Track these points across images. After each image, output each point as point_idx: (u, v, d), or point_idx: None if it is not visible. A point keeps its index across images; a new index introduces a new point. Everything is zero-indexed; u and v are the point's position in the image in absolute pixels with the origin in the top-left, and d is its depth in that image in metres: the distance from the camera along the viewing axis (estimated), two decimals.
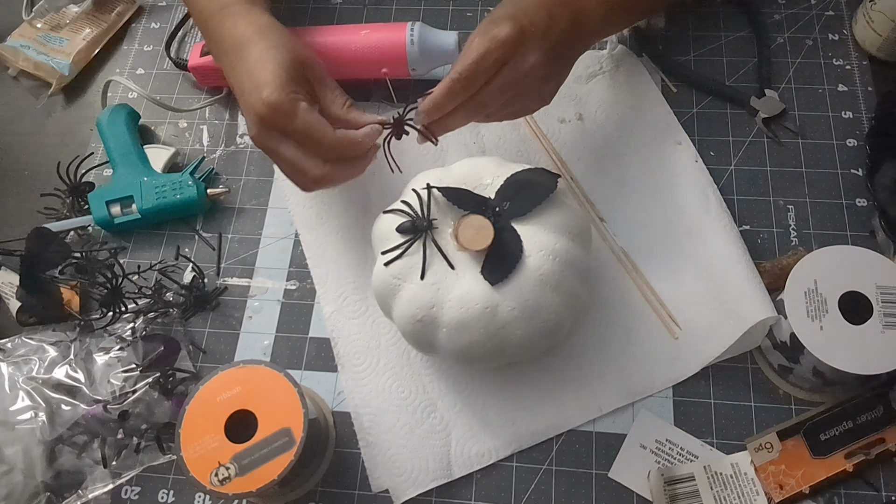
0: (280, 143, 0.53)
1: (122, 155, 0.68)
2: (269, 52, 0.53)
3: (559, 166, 0.66)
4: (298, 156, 0.53)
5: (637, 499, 0.55)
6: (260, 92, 0.51)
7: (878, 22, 0.67)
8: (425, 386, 0.59)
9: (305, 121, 0.51)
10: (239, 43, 0.55)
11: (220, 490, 0.48)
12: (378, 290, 0.53)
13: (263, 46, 0.54)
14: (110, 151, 0.69)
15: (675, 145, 0.66)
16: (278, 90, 0.51)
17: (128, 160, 0.68)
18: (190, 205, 0.67)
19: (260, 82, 0.52)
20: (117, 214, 0.67)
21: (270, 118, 0.51)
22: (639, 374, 0.58)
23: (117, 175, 0.68)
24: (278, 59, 0.53)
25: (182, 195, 0.67)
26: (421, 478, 0.56)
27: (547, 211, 0.52)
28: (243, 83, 0.53)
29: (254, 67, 0.53)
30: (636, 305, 0.60)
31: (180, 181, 0.67)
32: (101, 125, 0.70)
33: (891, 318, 0.51)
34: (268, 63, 0.52)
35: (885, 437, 0.54)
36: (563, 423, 0.57)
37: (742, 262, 0.58)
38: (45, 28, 0.80)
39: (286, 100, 0.51)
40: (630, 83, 0.69)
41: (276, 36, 0.55)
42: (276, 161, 0.55)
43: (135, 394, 0.57)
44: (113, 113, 0.70)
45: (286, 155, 0.53)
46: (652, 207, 0.64)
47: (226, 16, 0.57)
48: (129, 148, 0.69)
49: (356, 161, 0.54)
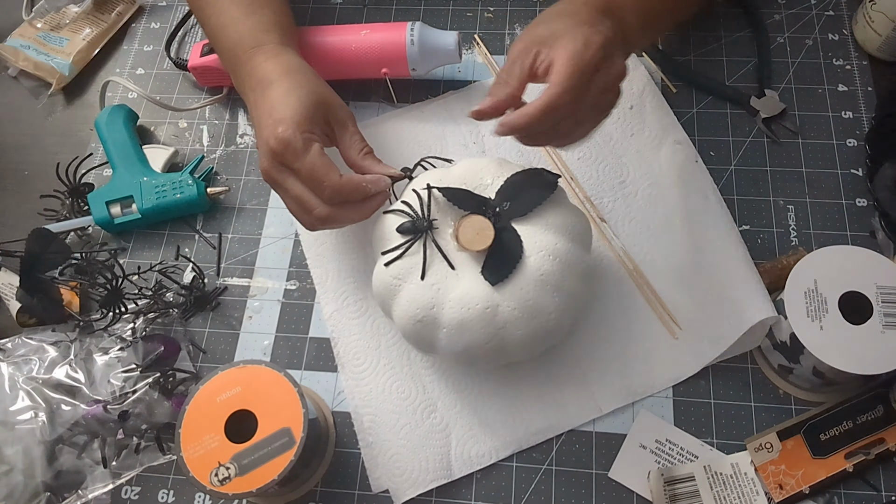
0: (287, 178, 0.54)
1: (121, 155, 0.68)
2: (292, 91, 0.54)
3: (559, 166, 0.66)
4: (305, 193, 0.53)
5: (637, 499, 0.55)
6: (276, 127, 0.52)
7: (878, 22, 0.67)
8: (425, 386, 0.59)
9: (313, 162, 0.52)
10: (266, 80, 0.56)
11: (220, 490, 0.48)
12: (378, 291, 0.53)
13: (288, 85, 0.55)
14: (109, 152, 0.69)
15: (675, 145, 0.66)
16: (293, 127, 0.52)
17: (127, 160, 0.68)
18: (190, 204, 0.67)
19: (278, 118, 0.53)
20: (117, 215, 0.67)
21: (281, 154, 0.52)
22: (639, 374, 0.58)
23: (117, 175, 0.68)
24: (301, 97, 0.54)
25: (182, 194, 0.67)
26: (421, 478, 0.56)
27: (547, 211, 0.52)
28: (262, 118, 0.55)
29: (275, 104, 0.54)
30: (637, 305, 0.60)
31: (180, 180, 0.67)
32: (100, 126, 0.70)
33: (891, 318, 0.51)
34: (290, 100, 0.54)
35: (885, 437, 0.54)
36: (563, 423, 0.57)
37: (742, 262, 0.58)
38: (45, 28, 0.80)
39: (299, 138, 0.52)
40: (630, 83, 0.69)
41: (303, 77, 0.56)
42: (282, 196, 0.56)
43: (135, 394, 0.57)
44: (111, 113, 0.70)
45: (293, 191, 0.54)
46: (652, 208, 0.64)
47: (257, 53, 0.58)
48: (128, 148, 0.69)
49: (361, 205, 0.54)
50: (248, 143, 0.72)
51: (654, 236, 0.63)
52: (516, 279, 0.50)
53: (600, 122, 0.52)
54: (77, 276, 0.64)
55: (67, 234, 0.68)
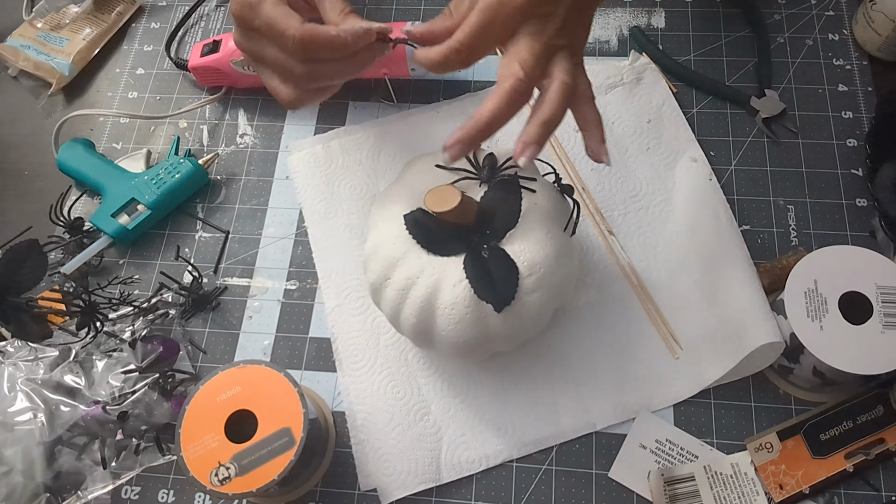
0: (257, 44, 0.51)
1: (102, 175, 0.69)
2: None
3: (571, 175, 0.66)
4: (279, 56, 0.50)
5: (637, 499, 0.55)
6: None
7: (878, 22, 0.67)
8: (420, 388, 0.59)
9: (268, 12, 0.49)
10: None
11: (220, 490, 0.48)
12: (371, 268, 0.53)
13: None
14: (88, 179, 0.69)
15: (690, 162, 0.65)
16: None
17: (110, 176, 0.68)
18: (192, 179, 0.68)
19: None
20: (127, 221, 0.67)
21: (241, 16, 0.50)
22: (636, 392, 0.57)
23: (108, 192, 0.68)
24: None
25: (180, 173, 0.67)
26: (409, 479, 0.56)
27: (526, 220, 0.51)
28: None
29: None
30: (638, 321, 0.60)
31: (170, 164, 0.68)
32: (65, 163, 0.70)
33: (891, 318, 0.51)
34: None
35: (885, 437, 0.54)
36: (556, 436, 0.57)
37: (749, 284, 0.57)
38: (45, 28, 0.80)
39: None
40: (650, 97, 0.69)
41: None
42: (260, 72, 0.53)
43: (134, 395, 0.57)
44: (69, 148, 0.70)
45: (268, 57, 0.51)
46: (662, 224, 0.63)
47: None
48: (104, 167, 0.69)
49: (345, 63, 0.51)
50: (248, 143, 0.72)
51: (661, 253, 0.62)
52: None
53: None
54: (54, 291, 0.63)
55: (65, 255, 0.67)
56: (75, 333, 0.60)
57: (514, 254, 0.50)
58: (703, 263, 0.60)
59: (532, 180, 0.52)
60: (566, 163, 0.67)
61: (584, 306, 0.61)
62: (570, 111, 0.49)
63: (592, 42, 0.74)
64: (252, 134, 0.73)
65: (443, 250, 0.50)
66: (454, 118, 0.70)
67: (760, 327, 0.54)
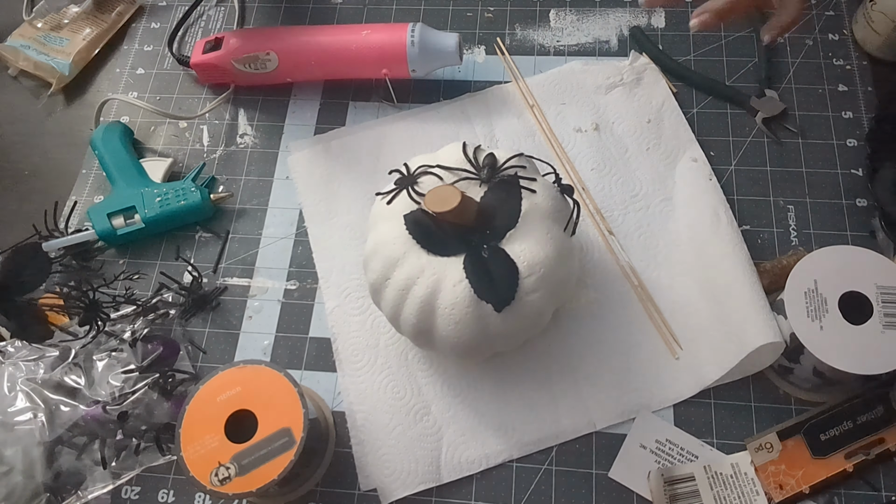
0: None
1: (119, 169, 0.68)
2: None
3: (571, 175, 0.66)
4: None
5: (637, 499, 0.55)
6: None
7: (878, 22, 0.67)
8: (420, 388, 0.59)
9: None
10: None
11: (220, 490, 0.48)
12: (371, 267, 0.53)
13: None
14: (107, 167, 0.69)
15: (690, 162, 0.65)
16: None
17: (126, 173, 0.68)
18: (194, 210, 0.67)
19: None
20: (120, 226, 0.66)
21: None
22: (636, 392, 0.57)
23: (116, 189, 0.68)
24: None
25: (186, 201, 0.66)
26: (409, 480, 0.56)
27: (526, 220, 0.51)
28: None
29: None
30: (638, 321, 0.60)
31: (183, 188, 0.67)
32: (96, 142, 0.70)
33: (891, 318, 0.51)
34: None
35: (885, 437, 0.54)
36: (556, 436, 0.57)
37: (749, 285, 0.57)
38: (45, 28, 0.80)
39: None
40: (650, 97, 0.69)
41: None
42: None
43: (134, 395, 0.57)
44: (107, 131, 0.70)
45: None
46: (662, 224, 0.63)
47: None
48: (126, 162, 0.69)
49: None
50: (248, 143, 0.72)
51: (661, 253, 0.62)
52: None
53: None
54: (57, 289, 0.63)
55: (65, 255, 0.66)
56: (76, 334, 0.60)
57: (515, 254, 0.50)
58: (703, 263, 0.60)
59: (532, 180, 0.52)
60: (566, 163, 0.67)
61: (584, 306, 0.61)
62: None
63: (592, 42, 0.74)
64: (252, 134, 0.73)
65: (443, 250, 0.50)
66: (454, 118, 0.70)
67: (760, 327, 0.54)
